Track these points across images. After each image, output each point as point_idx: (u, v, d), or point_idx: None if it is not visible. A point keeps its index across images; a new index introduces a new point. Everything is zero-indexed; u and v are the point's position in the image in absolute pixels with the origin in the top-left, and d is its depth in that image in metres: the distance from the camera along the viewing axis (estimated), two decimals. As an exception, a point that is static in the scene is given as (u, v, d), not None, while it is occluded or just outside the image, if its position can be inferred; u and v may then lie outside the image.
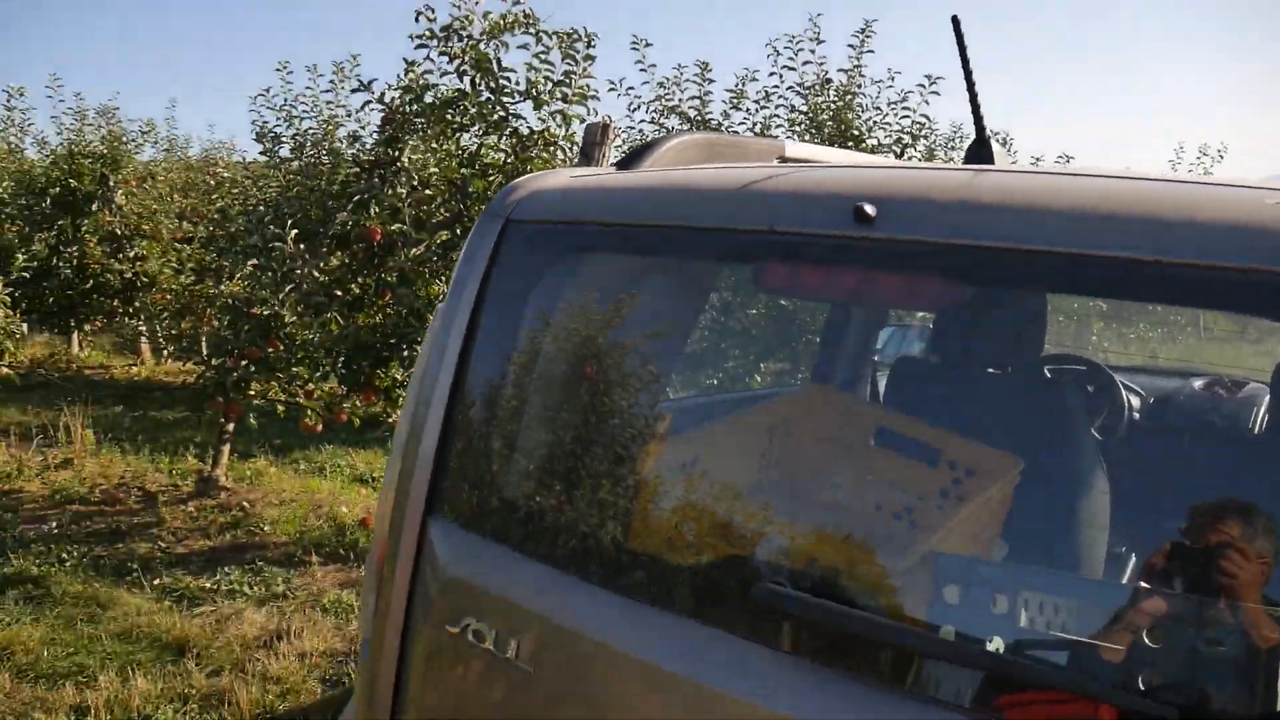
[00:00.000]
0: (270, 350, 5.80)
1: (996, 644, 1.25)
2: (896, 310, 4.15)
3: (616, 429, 1.64)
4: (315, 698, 3.87)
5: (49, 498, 6.19)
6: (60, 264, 11.47)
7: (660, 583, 1.45)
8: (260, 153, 11.03)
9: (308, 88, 10.61)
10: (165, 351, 11.64)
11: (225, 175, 11.33)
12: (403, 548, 1.61)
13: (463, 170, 5.35)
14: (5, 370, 7.04)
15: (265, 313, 5.71)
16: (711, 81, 7.60)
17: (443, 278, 5.26)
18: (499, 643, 1.52)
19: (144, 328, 12.66)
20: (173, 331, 11.39)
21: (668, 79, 7.67)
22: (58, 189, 11.72)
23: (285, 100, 10.72)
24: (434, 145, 5.46)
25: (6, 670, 3.87)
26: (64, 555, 5.10)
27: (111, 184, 11.71)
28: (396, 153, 5.41)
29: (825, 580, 1.39)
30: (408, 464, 1.63)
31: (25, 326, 7.26)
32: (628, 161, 1.83)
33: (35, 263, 10.36)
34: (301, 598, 4.73)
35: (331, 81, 10.65)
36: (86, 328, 12.64)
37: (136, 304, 11.60)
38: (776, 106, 7.79)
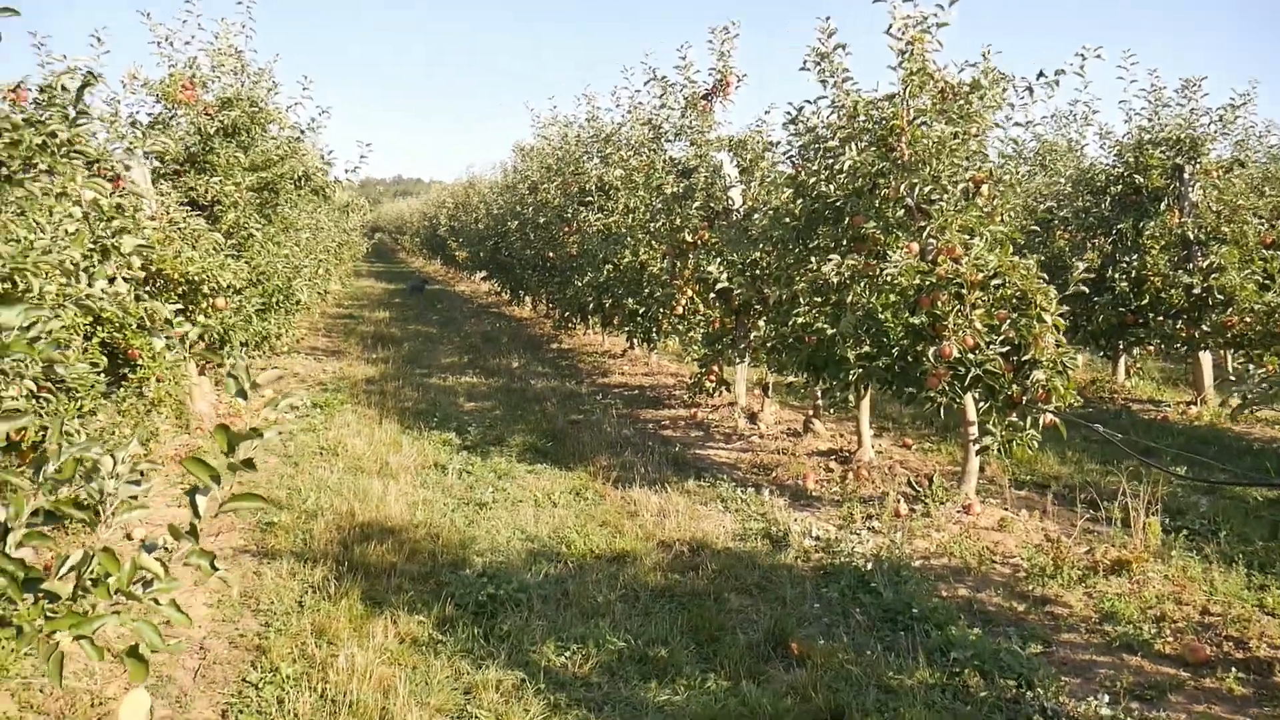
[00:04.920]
0: None
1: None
2: None
3: None
4: None
5: (1094, 626, 4.12)
6: (1114, 275, 9.59)
7: None
8: None
9: None
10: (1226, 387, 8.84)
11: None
12: None
13: None
14: (1050, 417, 5.21)
15: None
16: None
17: None
18: None
19: (1208, 354, 10.06)
20: (1249, 366, 8.58)
21: None
22: (1120, 186, 9.84)
23: None
24: None
25: None
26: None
27: (1187, 176, 9.35)
28: None
29: None
30: None
31: (1078, 357, 5.30)
32: None
33: (1090, 273, 8.57)
34: None
35: None
36: (1136, 351, 10.56)
37: (1206, 326, 9.06)
38: None
